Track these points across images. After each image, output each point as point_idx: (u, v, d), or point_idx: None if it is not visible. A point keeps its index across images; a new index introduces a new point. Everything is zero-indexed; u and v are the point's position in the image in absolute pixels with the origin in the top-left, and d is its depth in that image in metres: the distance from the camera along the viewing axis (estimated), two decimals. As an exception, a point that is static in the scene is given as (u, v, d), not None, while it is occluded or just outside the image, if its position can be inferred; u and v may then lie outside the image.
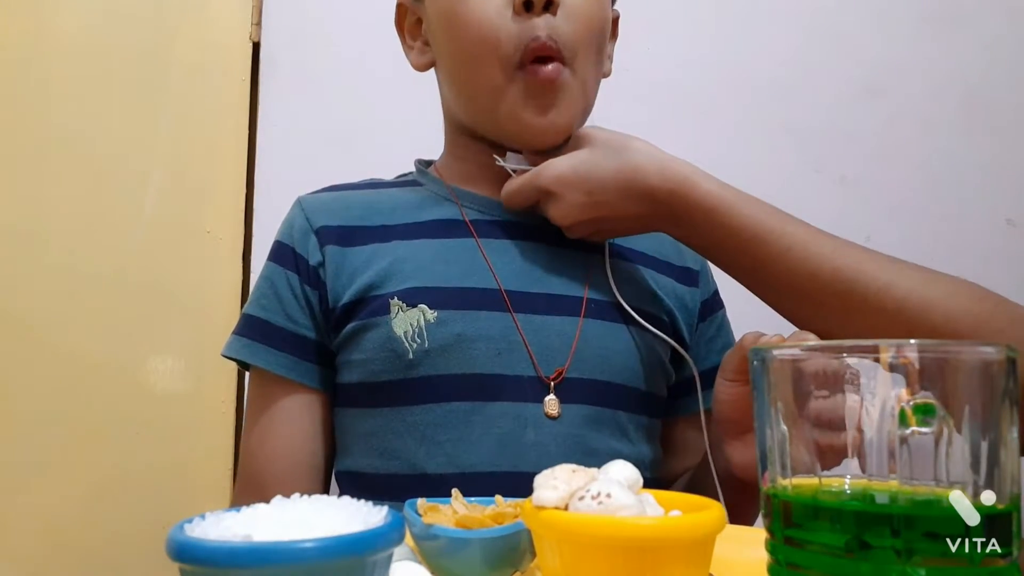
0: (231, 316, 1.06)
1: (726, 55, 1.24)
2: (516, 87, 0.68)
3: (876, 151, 1.23)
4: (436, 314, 0.67)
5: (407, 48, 0.80)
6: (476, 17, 0.68)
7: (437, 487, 0.64)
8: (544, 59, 0.67)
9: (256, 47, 1.18)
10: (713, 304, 0.82)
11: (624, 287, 0.73)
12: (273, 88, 1.18)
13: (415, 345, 0.66)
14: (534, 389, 0.67)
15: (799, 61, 1.24)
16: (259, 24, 1.18)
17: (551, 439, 0.65)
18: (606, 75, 0.78)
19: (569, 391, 0.67)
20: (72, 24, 1.10)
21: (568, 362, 0.68)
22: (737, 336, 0.72)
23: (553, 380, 0.67)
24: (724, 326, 0.83)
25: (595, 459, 0.66)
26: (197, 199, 1.14)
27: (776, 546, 0.34)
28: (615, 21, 0.80)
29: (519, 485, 0.44)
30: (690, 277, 0.80)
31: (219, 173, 1.15)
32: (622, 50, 0.82)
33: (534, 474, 0.37)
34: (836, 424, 0.33)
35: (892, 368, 0.32)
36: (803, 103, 1.24)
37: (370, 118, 1.18)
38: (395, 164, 0.86)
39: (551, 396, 0.66)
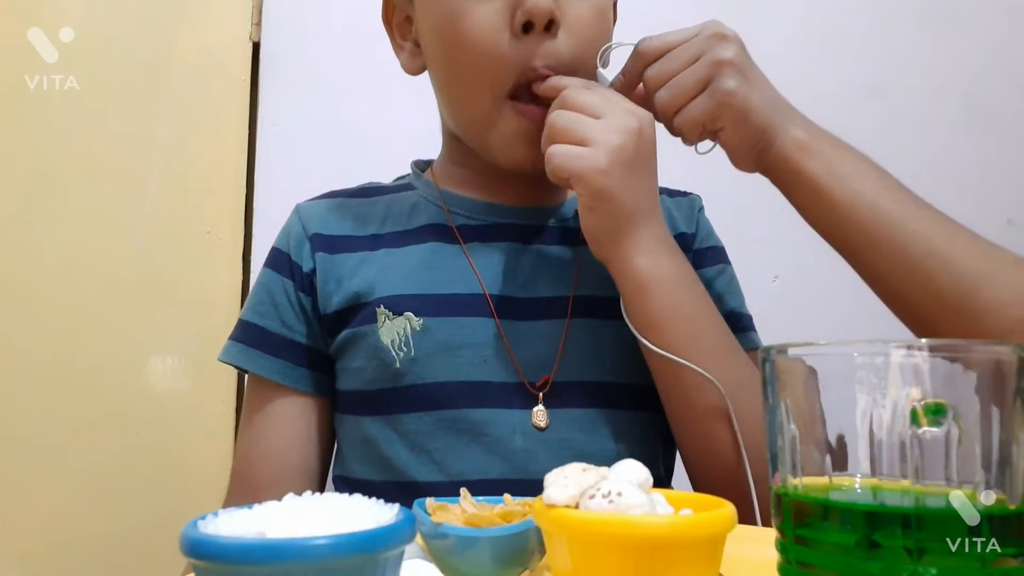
0: (231, 316, 1.06)
1: (726, 55, 1.24)
2: (506, 118, 0.67)
3: (876, 151, 1.23)
4: (421, 321, 0.66)
5: (397, 48, 0.77)
6: (472, 37, 0.64)
7: (426, 496, 0.64)
8: (536, 92, 0.66)
9: (256, 47, 1.18)
10: (705, 256, 0.77)
11: (608, 277, 0.68)
12: (273, 88, 1.17)
13: (402, 354, 0.66)
14: (520, 397, 0.66)
15: (799, 61, 1.24)
16: (259, 24, 1.18)
17: (540, 446, 0.64)
18: (604, 65, 0.76)
19: (558, 397, 0.66)
20: (72, 24, 1.09)
21: (555, 367, 0.67)
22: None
23: (540, 387, 0.66)
24: (724, 281, 0.77)
25: (589, 463, 0.66)
26: (197, 199, 1.14)
27: (787, 545, 0.34)
28: (614, 4, 0.78)
29: (509, 492, 0.44)
30: (684, 242, 0.75)
31: (219, 173, 1.15)
32: (623, 49, 0.82)
33: (524, 481, 0.37)
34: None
35: (903, 368, 0.32)
36: (803, 103, 1.23)
37: (370, 118, 1.18)
38: (395, 164, 0.86)
39: (539, 407, 0.65)
